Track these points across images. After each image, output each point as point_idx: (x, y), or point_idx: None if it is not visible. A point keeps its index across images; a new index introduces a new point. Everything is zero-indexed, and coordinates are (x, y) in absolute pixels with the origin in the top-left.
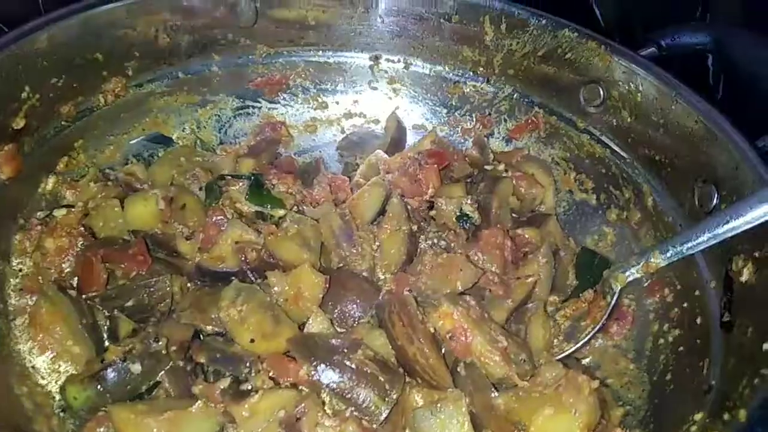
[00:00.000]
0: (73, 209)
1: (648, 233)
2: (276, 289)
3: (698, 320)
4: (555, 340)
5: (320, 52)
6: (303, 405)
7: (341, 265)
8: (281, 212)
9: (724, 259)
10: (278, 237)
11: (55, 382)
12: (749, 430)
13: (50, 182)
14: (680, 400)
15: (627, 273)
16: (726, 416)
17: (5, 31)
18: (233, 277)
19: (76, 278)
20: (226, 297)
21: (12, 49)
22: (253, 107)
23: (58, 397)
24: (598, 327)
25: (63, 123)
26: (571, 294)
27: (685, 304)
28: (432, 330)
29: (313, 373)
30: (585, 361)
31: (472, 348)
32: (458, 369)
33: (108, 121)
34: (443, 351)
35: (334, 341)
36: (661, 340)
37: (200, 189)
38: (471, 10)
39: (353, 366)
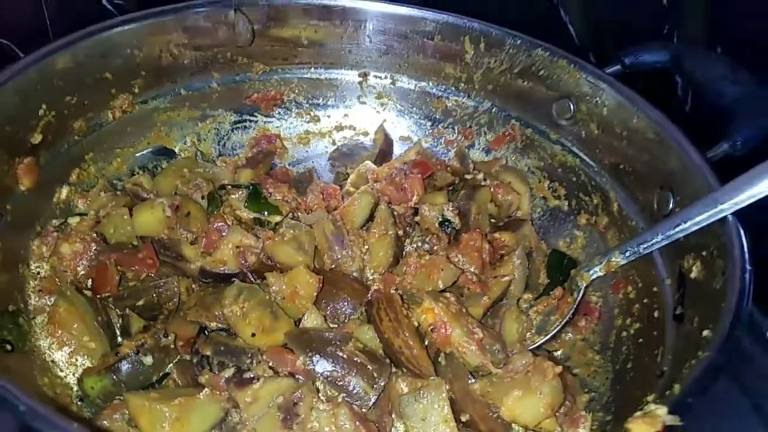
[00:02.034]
0: (85, 217)
1: (614, 236)
2: (274, 288)
3: (656, 314)
4: (528, 333)
5: (312, 69)
6: (300, 392)
7: (333, 266)
8: (278, 218)
9: (678, 258)
10: (275, 241)
11: (73, 375)
12: (682, 400)
13: (64, 192)
14: (638, 386)
15: (591, 271)
16: (667, 393)
17: (7, 45)
18: (234, 278)
19: (90, 280)
20: (228, 295)
21: (31, 70)
22: (250, 121)
23: (75, 387)
24: (564, 320)
25: (75, 137)
26: (543, 291)
27: (645, 300)
28: (416, 324)
29: (308, 363)
30: (556, 354)
31: (451, 339)
32: (439, 359)
33: (116, 135)
34: (426, 343)
35: (327, 334)
36: (624, 333)
37: (202, 197)
38: (452, 30)
39: (344, 356)
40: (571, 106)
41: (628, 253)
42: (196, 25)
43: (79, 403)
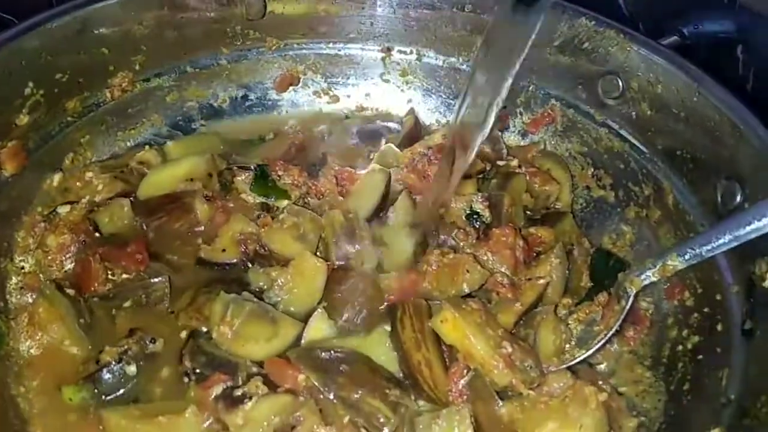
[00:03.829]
0: (76, 205)
1: (668, 232)
2: (280, 281)
3: (719, 327)
4: (566, 346)
5: (331, 44)
6: (299, 413)
7: (341, 263)
8: (286, 203)
9: (747, 262)
10: (272, 228)
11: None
12: None
13: (56, 179)
14: (697, 412)
15: (642, 276)
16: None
17: (9, 19)
18: (229, 267)
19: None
20: (215, 313)
21: (14, 44)
22: (264, 101)
23: None
24: (611, 332)
25: (69, 119)
26: (585, 297)
27: (706, 309)
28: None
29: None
30: (599, 367)
31: (474, 354)
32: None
33: (115, 116)
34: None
35: (337, 353)
36: (680, 347)
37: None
38: None
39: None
40: (620, 83)
41: (687, 256)
42: None
43: None
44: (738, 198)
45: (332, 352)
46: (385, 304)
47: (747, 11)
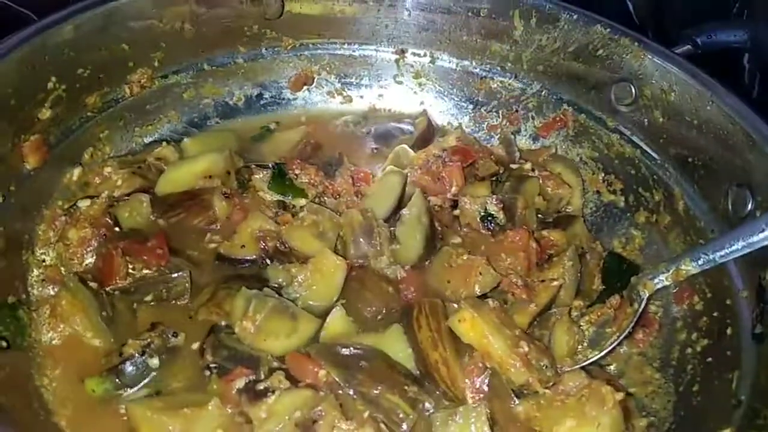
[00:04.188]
0: (96, 200)
1: (678, 238)
2: (300, 278)
3: (728, 330)
4: (579, 347)
5: (346, 45)
6: (320, 408)
7: (360, 261)
8: (302, 202)
9: (758, 268)
10: (292, 226)
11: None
12: None
13: (75, 173)
14: (707, 414)
15: (656, 280)
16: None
17: (35, 20)
18: (249, 264)
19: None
20: (237, 308)
21: (37, 39)
22: (278, 99)
23: None
24: (623, 335)
25: (89, 114)
26: (597, 299)
27: (715, 313)
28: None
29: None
30: (609, 369)
31: (492, 353)
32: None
33: (133, 112)
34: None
35: (356, 350)
36: (689, 350)
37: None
38: (500, 4)
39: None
40: (633, 90)
41: (701, 261)
42: None
43: None
44: (749, 205)
45: (352, 348)
46: (402, 302)
47: (759, 22)
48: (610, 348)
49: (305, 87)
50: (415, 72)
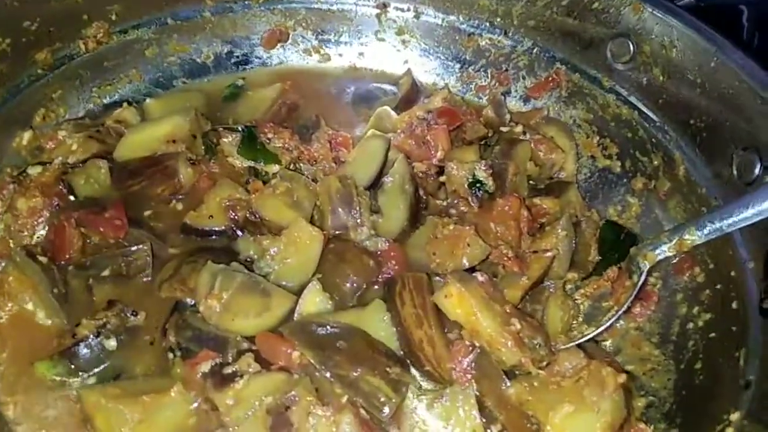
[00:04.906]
0: (48, 166)
1: (678, 205)
2: (273, 251)
3: (734, 304)
4: (574, 323)
5: None
6: (293, 393)
7: (338, 232)
8: (275, 168)
9: (765, 237)
10: (265, 194)
11: None
12: None
13: (26, 137)
14: (712, 394)
15: (657, 251)
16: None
17: None
18: (217, 236)
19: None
20: (201, 285)
21: None
22: (250, 58)
23: None
24: (622, 310)
25: (39, 71)
26: (593, 271)
27: (719, 286)
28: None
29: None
30: (604, 345)
31: (481, 332)
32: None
33: (90, 70)
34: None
35: (332, 328)
36: (690, 325)
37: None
38: None
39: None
40: (631, 47)
41: (707, 230)
42: None
43: None
44: (756, 170)
45: (328, 327)
46: (383, 277)
47: None
48: (607, 324)
49: (279, 44)
50: (398, 28)
